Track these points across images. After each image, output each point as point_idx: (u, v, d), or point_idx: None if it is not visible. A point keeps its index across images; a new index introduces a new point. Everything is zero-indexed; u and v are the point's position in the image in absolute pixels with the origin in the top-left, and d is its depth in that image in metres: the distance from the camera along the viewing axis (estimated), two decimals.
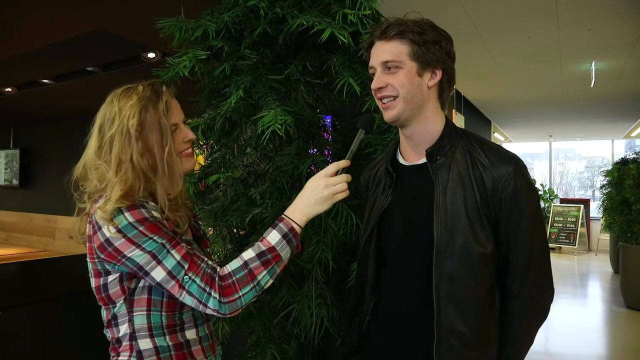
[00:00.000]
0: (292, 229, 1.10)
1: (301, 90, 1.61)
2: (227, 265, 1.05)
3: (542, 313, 1.15)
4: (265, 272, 1.05)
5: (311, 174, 1.62)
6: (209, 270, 1.03)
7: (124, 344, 1.07)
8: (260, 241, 1.09)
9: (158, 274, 1.00)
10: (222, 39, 1.64)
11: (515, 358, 1.16)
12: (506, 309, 1.13)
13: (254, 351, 1.66)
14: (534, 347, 1.17)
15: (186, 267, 1.01)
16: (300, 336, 1.59)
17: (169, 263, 1.00)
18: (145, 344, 1.06)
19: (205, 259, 1.06)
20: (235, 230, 1.74)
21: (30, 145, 7.36)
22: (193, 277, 1.01)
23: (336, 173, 1.15)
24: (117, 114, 1.07)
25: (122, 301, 1.06)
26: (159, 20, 1.69)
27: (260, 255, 1.06)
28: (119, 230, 0.99)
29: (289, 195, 1.59)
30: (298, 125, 1.57)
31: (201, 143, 1.82)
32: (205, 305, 1.01)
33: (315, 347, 1.62)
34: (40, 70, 4.29)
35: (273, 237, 1.09)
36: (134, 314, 1.06)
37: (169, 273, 1.00)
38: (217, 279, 1.02)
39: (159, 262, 1.00)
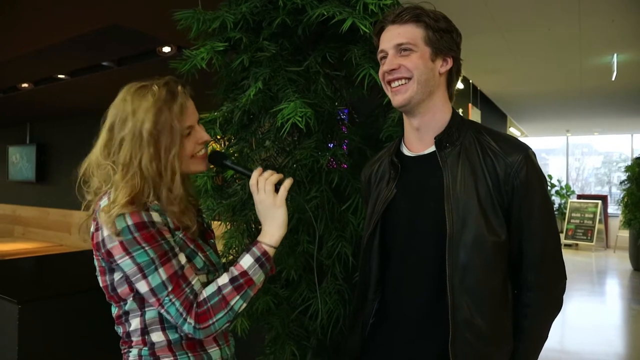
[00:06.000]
0: (265, 253, 1.10)
1: (321, 82, 1.58)
2: (204, 291, 1.05)
3: (556, 305, 1.13)
4: (238, 297, 1.05)
5: (330, 168, 1.59)
6: (191, 296, 1.02)
7: (135, 338, 1.08)
8: (234, 266, 1.09)
9: (142, 287, 1.01)
10: (240, 31, 1.61)
11: (530, 353, 1.13)
12: (521, 301, 1.11)
13: (272, 347, 1.64)
14: (551, 345, 1.15)
15: (169, 289, 1.01)
16: (317, 332, 1.57)
17: (154, 281, 1.00)
18: (157, 336, 1.07)
19: (192, 281, 1.04)
20: (253, 225, 1.72)
21: (46, 141, 7.45)
22: (173, 300, 1.01)
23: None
24: (130, 115, 1.04)
25: (131, 299, 1.06)
26: (175, 12, 1.67)
27: (232, 280, 1.06)
28: (116, 233, 0.99)
29: (308, 189, 1.56)
30: (317, 118, 1.54)
31: (218, 137, 1.80)
32: (180, 328, 1.03)
33: (334, 343, 1.60)
34: (55, 65, 4.32)
35: (246, 261, 1.09)
36: (146, 309, 1.06)
37: (152, 290, 1.01)
38: (194, 305, 1.02)
39: (144, 277, 1.00)
